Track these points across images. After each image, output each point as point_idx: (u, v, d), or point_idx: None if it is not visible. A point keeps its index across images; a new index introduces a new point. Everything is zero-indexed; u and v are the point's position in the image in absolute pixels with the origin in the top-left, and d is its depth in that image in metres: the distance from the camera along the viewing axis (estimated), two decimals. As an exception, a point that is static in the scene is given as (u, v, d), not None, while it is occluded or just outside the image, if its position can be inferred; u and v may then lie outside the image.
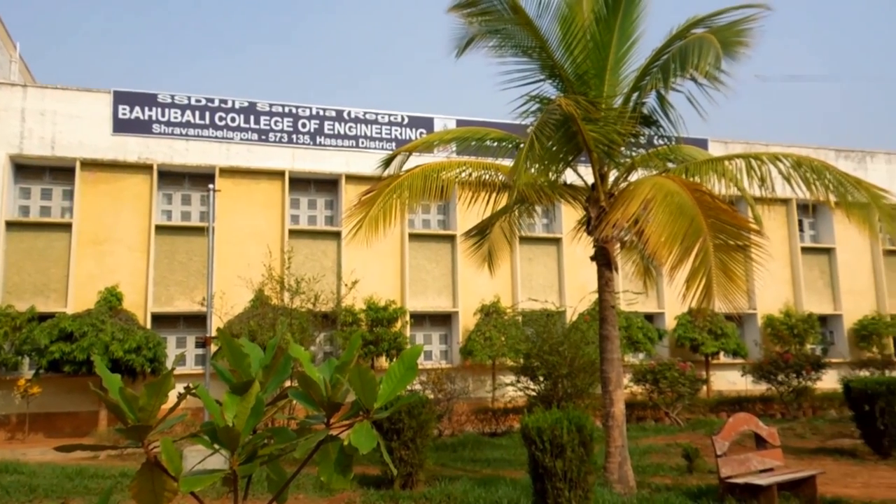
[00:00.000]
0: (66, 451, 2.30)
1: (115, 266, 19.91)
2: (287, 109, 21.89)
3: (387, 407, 2.32)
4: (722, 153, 12.00)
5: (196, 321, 20.46)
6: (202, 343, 19.56)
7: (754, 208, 10.58)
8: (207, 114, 21.18)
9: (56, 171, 20.50)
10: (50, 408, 18.58)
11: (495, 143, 11.01)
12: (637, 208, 8.63)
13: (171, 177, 21.29)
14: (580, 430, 7.47)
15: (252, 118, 21.52)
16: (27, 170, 20.36)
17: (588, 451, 7.51)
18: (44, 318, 18.43)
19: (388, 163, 11.08)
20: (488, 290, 21.56)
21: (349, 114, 22.38)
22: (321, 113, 22.14)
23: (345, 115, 22.34)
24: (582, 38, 9.44)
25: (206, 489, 2.26)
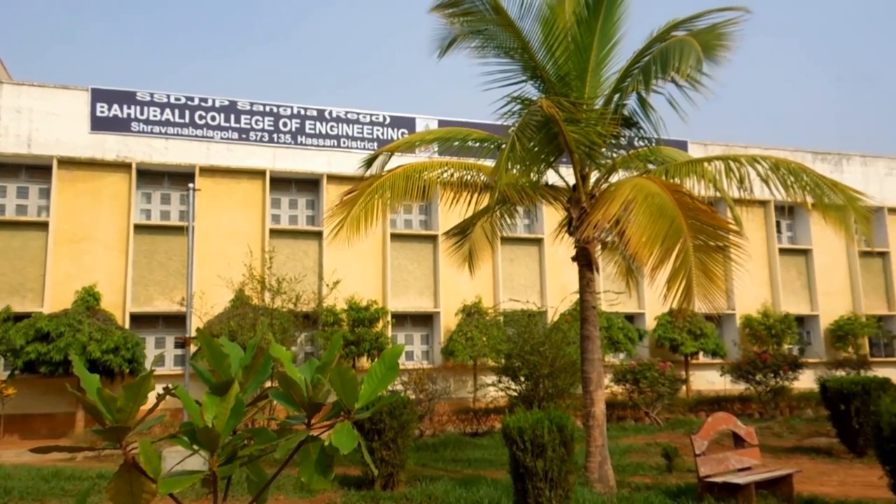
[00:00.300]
0: (43, 453, 2.27)
1: (93, 265, 19.69)
2: (268, 108, 21.77)
3: (368, 407, 2.31)
4: (701, 155, 12.10)
5: (175, 321, 20.28)
6: (181, 343, 19.38)
7: (734, 209, 10.67)
8: (187, 112, 21.00)
9: (32, 170, 20.23)
10: (26, 409, 18.32)
11: (477, 144, 11.02)
12: (618, 209, 8.68)
13: (150, 176, 21.09)
14: (561, 430, 7.50)
15: (233, 117, 21.37)
16: (3, 168, 20.05)
17: (569, 450, 7.55)
18: (19, 318, 18.17)
19: (370, 163, 11.06)
20: (470, 290, 21.59)
21: (331, 113, 22.29)
22: (302, 112, 22.03)
23: (326, 114, 22.25)
24: (563, 39, 9.49)
25: (186, 491, 2.24)
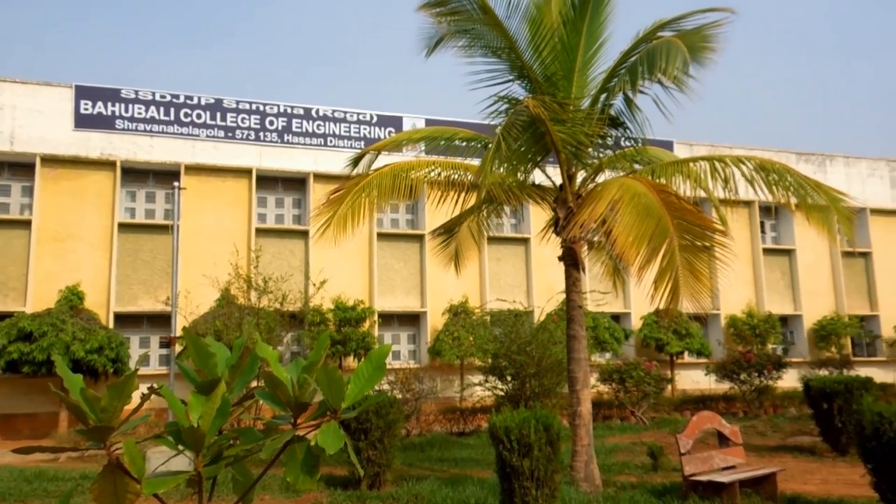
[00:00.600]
0: (25, 454, 2.25)
1: (77, 264, 19.51)
2: (254, 107, 21.66)
3: (354, 407, 2.30)
4: (687, 155, 12.20)
5: (160, 321, 20.14)
6: (166, 343, 19.26)
7: (719, 209, 10.73)
8: (172, 110, 20.86)
9: (15, 167, 20.02)
10: (8, 409, 18.15)
11: (464, 143, 11.02)
12: (604, 209, 8.71)
13: (134, 174, 20.93)
14: (547, 430, 7.51)
15: (219, 115, 21.25)
16: (-15, 165, 19.88)
17: (555, 450, 7.56)
18: (2, 317, 17.99)
19: (356, 161, 11.03)
20: (456, 290, 21.60)
21: (317, 112, 22.22)
22: (289, 110, 21.95)
23: (313, 112, 22.17)
24: (550, 39, 9.51)
25: (171, 491, 2.22)
